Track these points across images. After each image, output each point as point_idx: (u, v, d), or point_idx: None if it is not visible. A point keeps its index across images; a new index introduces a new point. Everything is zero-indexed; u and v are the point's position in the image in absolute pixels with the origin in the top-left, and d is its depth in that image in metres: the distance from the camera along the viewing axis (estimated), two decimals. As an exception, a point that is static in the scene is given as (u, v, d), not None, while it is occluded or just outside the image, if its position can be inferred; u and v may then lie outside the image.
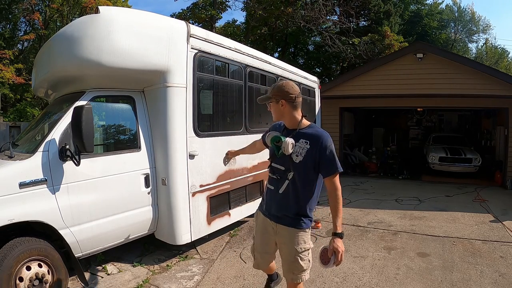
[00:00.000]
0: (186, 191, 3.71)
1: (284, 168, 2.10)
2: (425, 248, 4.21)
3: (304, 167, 2.03)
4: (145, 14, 3.58)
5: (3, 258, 2.50)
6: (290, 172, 2.06)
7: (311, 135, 2.06)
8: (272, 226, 2.20)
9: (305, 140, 2.05)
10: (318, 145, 2.01)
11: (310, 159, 2.02)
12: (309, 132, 2.08)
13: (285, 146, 2.01)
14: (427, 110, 14.67)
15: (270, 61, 5.41)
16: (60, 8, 15.62)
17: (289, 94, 2.08)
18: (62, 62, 3.32)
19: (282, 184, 2.10)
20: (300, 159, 2.03)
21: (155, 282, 3.35)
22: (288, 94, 2.09)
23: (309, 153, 2.02)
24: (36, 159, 2.83)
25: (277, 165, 2.14)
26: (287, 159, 2.06)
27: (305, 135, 2.07)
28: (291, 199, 2.09)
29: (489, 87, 7.90)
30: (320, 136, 2.04)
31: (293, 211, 2.10)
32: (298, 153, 2.04)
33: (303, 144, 2.04)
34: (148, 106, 3.73)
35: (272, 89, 2.15)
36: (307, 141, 2.04)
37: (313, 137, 2.05)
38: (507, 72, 15.08)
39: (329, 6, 15.79)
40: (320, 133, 2.08)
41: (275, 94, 2.12)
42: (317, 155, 2.01)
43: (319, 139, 2.03)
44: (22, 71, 13.87)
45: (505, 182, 8.15)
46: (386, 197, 7.15)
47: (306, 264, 2.13)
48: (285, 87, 2.10)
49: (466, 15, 27.85)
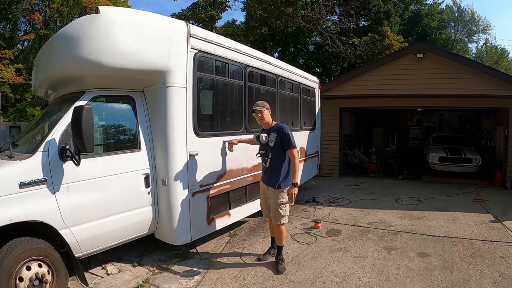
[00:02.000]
0: (186, 191, 3.71)
1: (265, 152, 3.64)
2: (425, 248, 4.21)
3: (275, 149, 3.54)
4: (145, 14, 3.58)
5: (3, 258, 2.50)
6: (269, 153, 3.58)
7: (276, 129, 3.57)
8: (266, 188, 3.67)
9: (274, 132, 3.57)
10: (280, 133, 3.52)
11: (278, 142, 3.51)
12: (275, 127, 3.61)
13: (262, 138, 3.60)
14: (427, 110, 14.67)
15: (270, 61, 5.41)
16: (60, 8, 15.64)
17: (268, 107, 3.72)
18: (62, 62, 3.32)
19: (267, 162, 3.63)
20: (273, 144, 3.54)
21: (155, 282, 3.35)
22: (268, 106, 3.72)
23: (277, 139, 3.52)
24: (36, 159, 2.83)
25: (262, 151, 3.68)
26: (267, 146, 3.59)
27: (274, 130, 3.60)
28: (273, 170, 3.57)
29: (489, 87, 7.90)
30: (281, 128, 3.55)
31: (275, 177, 3.54)
32: (271, 141, 3.56)
33: (273, 135, 3.56)
34: (148, 106, 3.72)
35: (261, 104, 3.64)
36: (275, 132, 3.56)
37: (277, 130, 3.56)
38: (507, 72, 15.07)
39: (329, 6, 15.81)
40: (280, 125, 3.60)
41: (266, 106, 3.67)
42: (279, 138, 3.50)
43: (280, 129, 3.54)
44: (22, 71, 13.88)
45: (505, 182, 8.15)
46: (386, 197, 7.15)
47: (284, 212, 3.54)
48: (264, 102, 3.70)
49: (466, 15, 27.87)
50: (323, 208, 6.19)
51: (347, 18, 16.45)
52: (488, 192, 7.61)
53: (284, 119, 5.74)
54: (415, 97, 8.89)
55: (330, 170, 9.80)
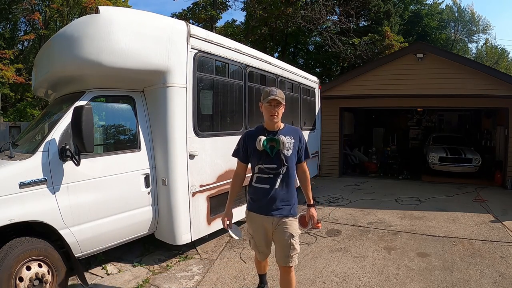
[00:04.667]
0: (186, 191, 3.71)
1: (276, 165, 2.43)
2: (425, 248, 4.21)
3: (292, 159, 2.48)
4: (145, 14, 3.58)
5: (3, 258, 2.50)
6: (283, 166, 2.43)
7: (292, 132, 2.54)
8: (270, 222, 2.47)
9: (290, 136, 2.48)
10: (299, 139, 2.53)
11: (295, 151, 2.49)
12: (289, 130, 2.55)
13: (284, 143, 2.40)
14: (427, 110, 14.65)
15: (270, 61, 5.41)
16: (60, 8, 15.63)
17: None
18: (62, 62, 3.32)
19: (276, 180, 2.44)
20: (291, 152, 2.46)
21: (155, 282, 3.35)
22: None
23: (295, 146, 2.49)
24: (36, 159, 2.83)
25: (269, 165, 2.44)
26: (279, 156, 2.42)
27: (288, 133, 2.50)
28: (287, 190, 2.48)
29: (489, 87, 7.90)
30: (298, 132, 2.59)
31: (290, 199, 2.50)
32: (288, 148, 2.44)
33: (290, 140, 2.47)
34: (148, 106, 3.72)
35: (280, 93, 2.44)
36: (291, 137, 2.49)
37: (293, 133, 2.53)
38: (507, 72, 15.07)
39: (329, 6, 15.78)
40: (297, 129, 2.64)
41: (284, 98, 2.47)
42: (298, 146, 2.51)
43: (298, 133, 2.56)
44: (22, 71, 13.88)
45: (505, 182, 8.15)
46: (386, 197, 7.14)
47: (298, 246, 2.50)
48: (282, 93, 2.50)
49: (466, 15, 27.86)
50: (323, 208, 6.19)
51: (347, 18, 16.43)
52: (488, 192, 7.61)
53: (284, 119, 5.71)
54: (415, 97, 8.89)
55: (330, 170, 9.80)
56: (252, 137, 2.47)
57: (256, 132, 2.50)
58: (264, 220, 2.48)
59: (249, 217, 2.61)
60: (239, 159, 2.62)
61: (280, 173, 2.43)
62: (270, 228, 2.48)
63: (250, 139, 2.49)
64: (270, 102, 2.40)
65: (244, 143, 2.55)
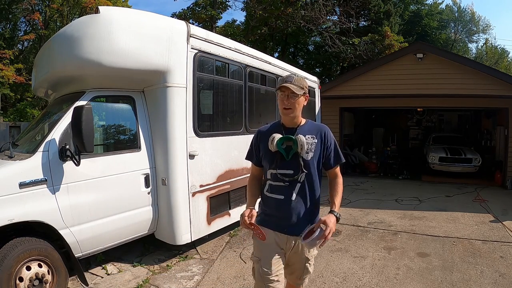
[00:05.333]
0: (186, 191, 3.71)
1: (293, 171, 1.93)
2: (425, 248, 4.21)
3: (314, 163, 1.95)
4: (145, 14, 3.58)
5: (3, 258, 2.50)
6: (301, 173, 1.92)
7: (315, 130, 2.00)
8: (285, 241, 1.95)
9: (311, 135, 1.96)
10: (324, 138, 1.98)
11: (318, 154, 1.96)
12: (311, 127, 2.02)
13: (302, 144, 1.89)
14: (427, 110, 14.66)
15: (270, 61, 5.41)
16: (60, 8, 15.63)
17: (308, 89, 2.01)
18: (62, 62, 3.32)
19: (293, 189, 1.93)
20: (311, 155, 1.93)
21: (155, 282, 3.35)
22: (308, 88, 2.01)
23: (317, 147, 1.96)
24: (36, 159, 2.83)
25: (284, 170, 1.94)
26: (296, 160, 1.92)
27: (309, 131, 1.98)
28: (307, 202, 1.96)
29: (489, 87, 7.90)
30: (323, 129, 2.02)
31: (311, 215, 1.99)
32: (308, 150, 1.93)
33: (311, 139, 1.95)
34: (148, 106, 3.73)
35: (299, 81, 1.93)
36: (313, 136, 1.97)
37: (317, 131, 1.99)
38: (507, 72, 15.07)
39: (329, 6, 15.79)
40: (322, 126, 2.06)
41: (305, 87, 1.97)
42: (324, 148, 1.97)
43: (323, 132, 2.00)
44: (22, 71, 13.88)
45: (505, 182, 8.15)
46: (386, 197, 7.14)
47: (312, 268, 2.10)
48: (305, 81, 2.00)
49: (466, 15, 27.85)
50: (323, 208, 6.17)
51: (347, 18, 16.44)
52: (488, 192, 7.60)
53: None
54: (415, 97, 8.89)
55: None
56: (266, 134, 2.00)
57: (271, 129, 2.02)
58: (278, 238, 1.95)
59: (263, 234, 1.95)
60: (253, 163, 2.13)
61: (297, 181, 1.93)
62: (285, 248, 1.96)
63: (263, 137, 2.02)
64: (283, 91, 1.90)
65: (256, 142, 2.08)
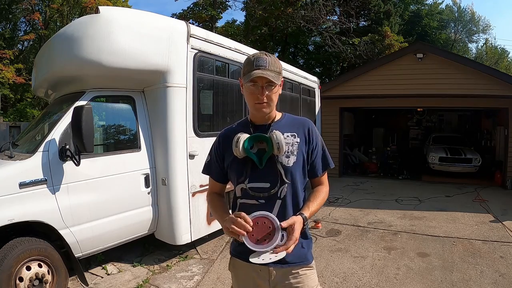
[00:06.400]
0: (186, 191, 3.71)
1: (269, 184, 1.40)
2: (425, 248, 4.21)
3: (298, 171, 1.43)
4: (145, 14, 3.58)
5: (3, 258, 2.50)
6: (281, 185, 1.40)
7: (296, 125, 1.48)
8: (266, 276, 1.44)
9: (291, 133, 1.44)
10: (308, 136, 1.47)
11: (302, 158, 1.44)
12: (290, 122, 1.50)
13: (279, 143, 1.35)
14: (427, 110, 14.65)
15: (270, 61, 5.40)
16: (60, 8, 15.63)
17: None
18: (62, 62, 3.32)
19: (271, 208, 1.39)
20: (293, 160, 1.41)
21: (155, 282, 3.35)
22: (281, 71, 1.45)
23: (301, 149, 1.44)
24: (36, 159, 2.83)
25: (257, 183, 1.41)
26: (273, 167, 1.40)
27: (288, 127, 1.45)
28: None
29: (489, 87, 7.90)
30: (307, 124, 1.50)
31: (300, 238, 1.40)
32: (289, 152, 1.41)
33: (291, 138, 1.43)
34: (148, 106, 3.73)
35: (274, 63, 1.40)
36: (294, 133, 1.44)
37: (298, 127, 1.47)
38: (507, 72, 15.07)
39: (329, 6, 15.80)
40: (305, 120, 1.53)
41: (281, 70, 1.44)
42: (308, 149, 1.46)
43: (307, 128, 1.48)
44: (22, 71, 13.88)
45: (505, 182, 8.14)
46: (386, 197, 7.14)
47: None
48: (279, 61, 1.47)
49: (466, 15, 27.84)
50: (323, 208, 6.18)
51: (347, 18, 16.43)
52: (488, 192, 7.60)
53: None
54: (415, 97, 8.89)
55: (330, 170, 9.67)
56: (230, 138, 1.45)
57: (236, 130, 1.48)
58: (256, 273, 1.46)
59: (233, 267, 1.65)
60: (213, 179, 1.68)
61: (276, 197, 1.40)
62: (265, 285, 1.44)
63: (227, 141, 1.47)
64: (255, 81, 1.35)
65: (218, 150, 1.55)
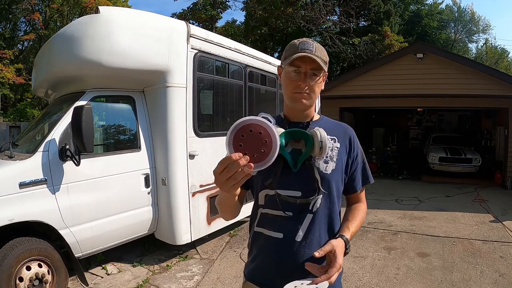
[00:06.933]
0: (186, 191, 3.71)
1: (302, 193, 1.16)
2: (425, 248, 4.21)
3: (336, 180, 1.21)
4: (145, 14, 3.58)
5: (3, 258, 2.50)
6: (316, 195, 1.16)
7: (336, 130, 1.27)
8: None
9: (330, 136, 1.22)
10: (350, 144, 1.26)
11: (341, 166, 1.23)
12: (330, 126, 1.27)
13: (323, 141, 1.12)
14: (427, 110, 14.65)
15: (270, 61, 5.41)
16: (60, 8, 15.64)
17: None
18: (62, 62, 3.32)
19: (300, 222, 1.16)
20: (332, 167, 1.19)
21: (155, 282, 3.35)
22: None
23: (341, 156, 1.23)
24: (36, 159, 2.83)
25: (288, 191, 1.16)
26: (308, 173, 1.16)
27: (327, 129, 1.19)
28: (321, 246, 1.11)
29: (489, 87, 7.89)
30: (348, 131, 1.29)
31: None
32: (328, 157, 1.20)
33: (331, 142, 1.22)
34: (148, 106, 3.73)
35: (321, 50, 1.19)
36: (334, 137, 1.23)
37: (339, 132, 1.27)
38: (507, 72, 15.07)
39: (329, 6, 15.82)
40: (346, 127, 1.32)
41: (327, 62, 1.23)
42: (348, 158, 1.25)
43: (349, 135, 1.28)
44: (22, 71, 13.88)
45: (505, 182, 8.14)
46: (386, 197, 7.14)
47: None
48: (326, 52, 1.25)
49: (466, 15, 27.86)
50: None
51: (347, 18, 16.44)
52: (488, 192, 7.61)
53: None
54: (415, 97, 8.89)
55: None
56: None
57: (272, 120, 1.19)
58: None
59: None
60: None
61: (308, 210, 1.17)
62: None
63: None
64: (298, 65, 1.14)
65: None
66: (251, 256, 1.28)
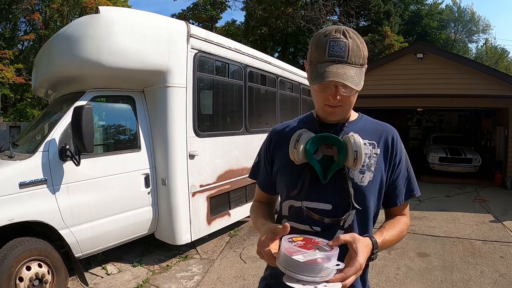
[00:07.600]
0: (186, 191, 3.71)
1: (332, 206, 1.03)
2: (425, 248, 4.21)
3: (373, 193, 1.05)
4: (145, 14, 3.58)
5: (3, 258, 2.50)
6: (349, 210, 1.02)
7: (375, 131, 1.10)
8: None
9: (369, 140, 1.07)
10: (391, 148, 1.08)
11: (379, 176, 1.05)
12: (369, 127, 1.11)
13: (358, 150, 0.97)
14: (427, 110, 14.65)
15: (270, 61, 5.41)
16: (60, 8, 15.65)
17: None
18: (62, 62, 3.32)
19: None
20: (369, 178, 1.03)
21: (155, 282, 3.35)
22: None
23: (379, 164, 1.06)
24: (36, 159, 2.83)
25: (317, 203, 1.03)
26: (341, 185, 1.02)
27: (365, 132, 1.07)
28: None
29: (489, 87, 7.90)
30: (390, 132, 1.10)
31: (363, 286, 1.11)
32: (365, 166, 1.04)
33: (369, 148, 1.06)
34: (148, 106, 3.73)
35: (357, 48, 1.01)
36: (373, 142, 1.07)
37: (379, 134, 1.09)
38: (507, 72, 15.07)
39: (329, 6, 15.83)
40: (388, 127, 1.13)
41: (365, 55, 1.05)
42: (389, 165, 1.07)
43: (391, 136, 1.09)
44: (22, 71, 13.89)
45: (505, 182, 8.15)
46: (386, 197, 7.14)
47: None
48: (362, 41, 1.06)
49: (466, 15, 27.86)
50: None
51: (347, 18, 16.45)
52: (488, 192, 7.61)
53: (284, 119, 5.75)
54: (415, 97, 8.89)
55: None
56: (286, 134, 1.11)
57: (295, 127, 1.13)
58: None
59: None
60: (258, 184, 1.25)
61: (339, 226, 1.04)
62: None
63: (282, 140, 1.12)
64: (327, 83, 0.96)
65: (267, 149, 1.17)
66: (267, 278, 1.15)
